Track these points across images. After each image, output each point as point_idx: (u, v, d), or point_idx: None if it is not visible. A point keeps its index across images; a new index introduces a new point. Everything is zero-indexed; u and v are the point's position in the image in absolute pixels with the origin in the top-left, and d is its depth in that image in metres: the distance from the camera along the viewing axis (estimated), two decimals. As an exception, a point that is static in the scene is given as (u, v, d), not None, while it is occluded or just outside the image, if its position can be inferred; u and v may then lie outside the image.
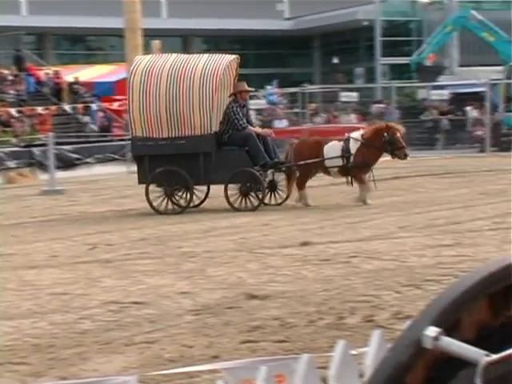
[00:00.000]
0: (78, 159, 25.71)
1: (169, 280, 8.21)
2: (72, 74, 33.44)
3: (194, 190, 13.98)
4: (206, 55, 15.28)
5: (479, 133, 28.26)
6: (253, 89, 15.77)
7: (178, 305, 7.11)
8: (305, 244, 9.86)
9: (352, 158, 13.48)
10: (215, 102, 13.81)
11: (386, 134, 13.46)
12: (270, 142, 14.03)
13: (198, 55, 15.42)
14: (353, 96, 32.53)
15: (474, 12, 33.56)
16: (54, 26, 41.87)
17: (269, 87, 34.88)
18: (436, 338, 1.73)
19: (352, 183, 13.66)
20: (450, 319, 1.81)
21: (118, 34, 30.85)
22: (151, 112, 13.72)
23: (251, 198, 13.64)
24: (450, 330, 1.80)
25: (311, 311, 6.56)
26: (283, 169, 14.00)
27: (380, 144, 13.47)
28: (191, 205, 14.06)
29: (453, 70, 37.32)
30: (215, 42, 50.55)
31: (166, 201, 13.81)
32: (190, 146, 13.48)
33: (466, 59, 37.88)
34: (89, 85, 32.94)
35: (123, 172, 23.19)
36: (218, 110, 14.27)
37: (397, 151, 13.57)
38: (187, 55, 15.88)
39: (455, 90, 30.99)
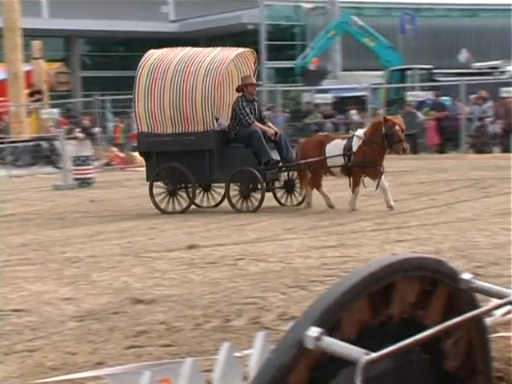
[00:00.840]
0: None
1: (51, 286, 8.02)
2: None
3: (212, 190, 13.69)
4: (218, 48, 14.82)
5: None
6: (260, 82, 15.09)
7: (60, 311, 6.96)
8: (191, 247, 9.83)
9: (353, 157, 12.76)
10: (217, 97, 13.38)
11: (383, 128, 12.62)
12: (283, 141, 13.48)
13: (211, 49, 14.88)
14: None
15: (355, 18, 34.32)
16: None
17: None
18: (318, 339, 1.75)
19: (363, 184, 12.83)
20: (332, 319, 1.83)
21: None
22: (155, 107, 13.35)
23: (252, 199, 13.10)
24: (332, 329, 1.83)
25: (198, 314, 6.54)
26: (283, 168, 13.44)
27: (380, 139, 12.61)
28: (207, 205, 13.74)
29: (336, 74, 38.03)
30: (99, 43, 49.99)
31: (168, 199, 13.39)
32: (193, 142, 13.07)
33: (349, 64, 38.67)
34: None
35: (3, 176, 22.63)
36: (226, 106, 13.95)
37: (394, 145, 12.60)
38: (200, 49, 15.40)
39: (338, 93, 31.56)
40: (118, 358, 5.41)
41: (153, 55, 14.01)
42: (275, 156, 13.16)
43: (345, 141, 12.95)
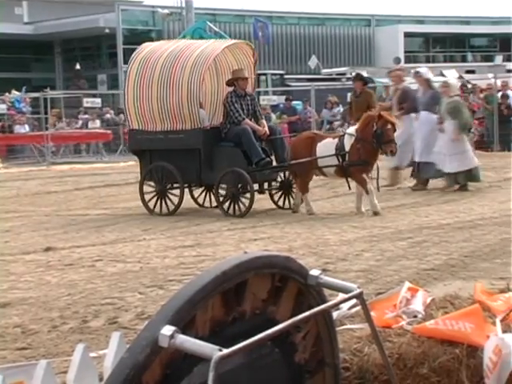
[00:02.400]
0: None
1: None
2: None
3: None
4: (211, 40, 13.84)
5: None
6: (254, 76, 13.42)
7: None
8: (48, 249, 9.57)
9: (347, 156, 11.60)
10: (203, 91, 12.37)
11: (375, 125, 11.44)
12: (279, 141, 12.53)
13: (204, 41, 13.83)
14: (96, 102, 32.32)
15: (210, 24, 34.47)
16: None
17: (17, 93, 33.81)
18: (171, 337, 1.74)
19: (349, 186, 11.85)
20: (185, 317, 1.83)
21: None
22: (144, 103, 12.36)
23: (240, 202, 11.92)
24: (185, 327, 1.82)
25: (54, 316, 6.39)
26: (276, 168, 12.41)
27: (370, 137, 11.45)
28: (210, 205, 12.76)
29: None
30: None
31: (157, 200, 12.38)
32: (181, 141, 12.10)
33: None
34: None
35: None
36: (216, 103, 13.05)
37: (383, 145, 11.42)
38: (193, 41, 14.34)
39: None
40: (-28, 362, 5.21)
41: (145, 48, 13.01)
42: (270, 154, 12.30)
43: (336, 140, 11.91)
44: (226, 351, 1.69)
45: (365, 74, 37.66)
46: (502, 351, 2.74)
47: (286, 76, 39.43)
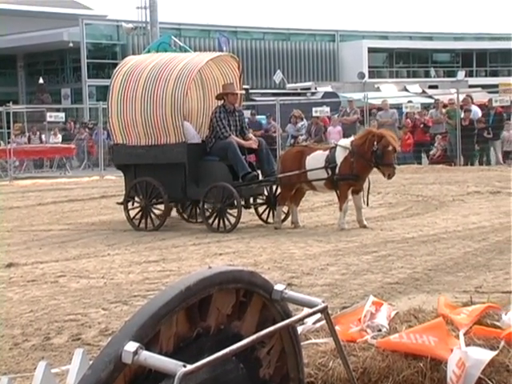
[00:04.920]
0: None
1: None
2: None
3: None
4: (196, 53, 13.63)
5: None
6: (243, 91, 13.32)
7: None
8: (10, 265, 9.48)
9: (337, 169, 11.35)
10: (187, 105, 12.30)
11: (376, 144, 11.07)
12: (265, 153, 12.25)
13: (187, 54, 13.68)
14: (60, 116, 32.15)
15: (175, 38, 34.45)
16: None
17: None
18: (135, 353, 1.73)
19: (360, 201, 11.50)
20: (149, 333, 1.82)
21: None
22: (128, 117, 12.18)
23: (228, 217, 11.71)
24: (150, 343, 1.81)
25: (16, 333, 6.32)
26: (262, 182, 12.23)
27: (369, 154, 11.12)
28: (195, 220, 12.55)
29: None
30: None
31: (141, 215, 12.18)
32: (165, 155, 11.89)
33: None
34: None
35: None
36: (202, 116, 12.98)
37: (382, 167, 11.17)
38: (177, 54, 14.11)
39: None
40: None
41: (129, 62, 12.93)
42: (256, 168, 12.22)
43: (327, 152, 11.64)
44: (189, 367, 1.68)
45: (329, 89, 38.05)
46: (466, 364, 2.76)
47: (251, 91, 39.56)
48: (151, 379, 1.85)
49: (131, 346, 1.74)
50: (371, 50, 55.06)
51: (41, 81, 45.94)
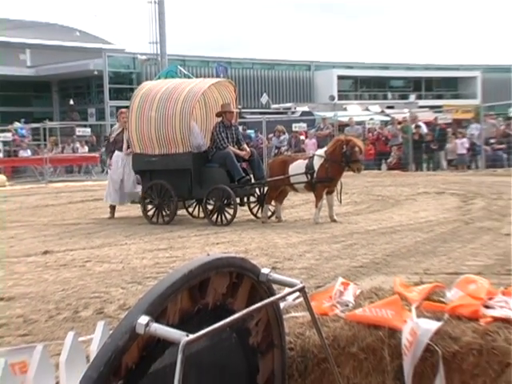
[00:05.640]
0: None
1: None
2: None
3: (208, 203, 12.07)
4: (199, 79, 13.67)
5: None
6: (237, 110, 13.33)
7: None
8: (46, 252, 9.45)
9: (315, 174, 11.44)
10: (192, 122, 12.21)
11: (345, 147, 11.24)
12: (256, 161, 12.33)
13: (192, 80, 13.72)
14: (86, 131, 32.16)
15: (180, 67, 34.38)
16: None
17: (18, 124, 33.73)
18: (147, 325, 1.71)
19: (338, 198, 11.62)
20: (158, 308, 1.80)
21: None
22: (145, 131, 12.21)
23: (226, 213, 11.75)
24: (158, 317, 1.79)
25: (51, 308, 6.28)
26: (254, 185, 12.22)
27: (339, 157, 11.24)
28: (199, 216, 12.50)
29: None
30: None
31: (154, 211, 12.20)
32: (175, 162, 11.95)
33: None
34: None
35: None
36: (205, 131, 12.92)
37: (351, 164, 11.28)
38: (183, 80, 14.15)
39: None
40: (-19, 347, 5.09)
41: (144, 87, 13.01)
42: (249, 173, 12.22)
43: (306, 160, 11.70)
44: (192, 336, 1.66)
45: (306, 109, 37.99)
46: (417, 333, 2.75)
47: (243, 110, 39.50)
48: (160, 347, 1.83)
49: (143, 319, 1.72)
50: (340, 78, 55.07)
51: (71, 102, 45.90)
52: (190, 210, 13.04)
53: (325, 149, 11.88)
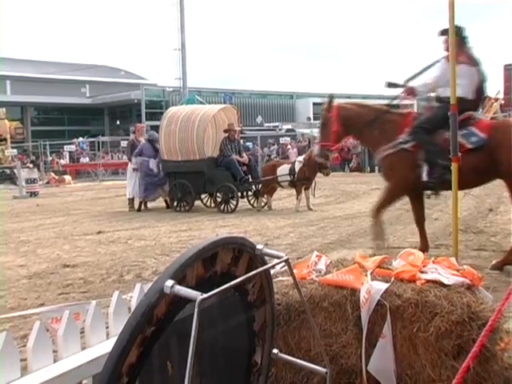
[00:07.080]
0: None
1: (11, 258, 7.44)
2: None
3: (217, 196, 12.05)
4: (211, 105, 13.60)
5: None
6: (239, 128, 13.51)
7: (17, 273, 6.47)
8: (99, 232, 9.44)
9: (296, 175, 11.46)
10: (206, 137, 12.34)
11: None
12: (253, 165, 12.42)
13: (205, 105, 13.74)
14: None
15: (197, 96, 34.35)
16: None
17: (80, 138, 34.08)
18: (172, 287, 1.69)
19: (313, 193, 11.83)
20: (180, 275, 1.78)
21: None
22: (171, 143, 12.29)
23: (230, 203, 11.82)
24: (180, 281, 1.77)
25: (103, 273, 6.27)
26: (251, 183, 12.19)
27: (314, 163, 10.94)
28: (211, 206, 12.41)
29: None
30: (42, 109, 47.34)
31: (178, 202, 12.21)
32: (193, 166, 12.00)
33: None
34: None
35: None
36: (215, 143, 12.93)
37: (322, 169, 11.16)
38: (198, 106, 14.22)
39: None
40: (53, 301, 5.08)
41: (170, 111, 13.13)
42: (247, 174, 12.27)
43: (290, 165, 11.74)
44: (205, 295, 1.64)
45: (289, 127, 37.87)
46: (371, 291, 2.73)
47: (243, 128, 39.37)
48: (181, 302, 1.81)
49: (169, 283, 1.70)
50: (315, 104, 54.81)
51: (117, 123, 45.84)
52: (204, 201, 13.05)
53: (303, 156, 11.90)
